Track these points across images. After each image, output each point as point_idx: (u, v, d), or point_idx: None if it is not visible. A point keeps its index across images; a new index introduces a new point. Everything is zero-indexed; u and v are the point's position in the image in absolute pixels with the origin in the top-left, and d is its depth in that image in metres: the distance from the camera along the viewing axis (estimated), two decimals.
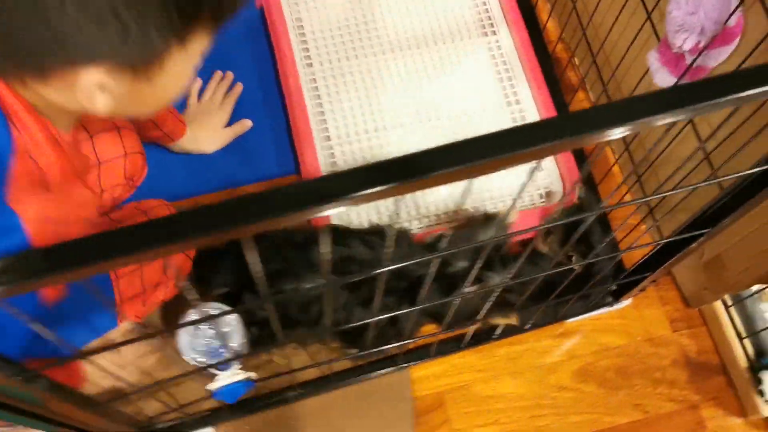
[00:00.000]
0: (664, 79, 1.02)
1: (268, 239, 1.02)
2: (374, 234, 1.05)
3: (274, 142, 1.33)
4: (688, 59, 0.95)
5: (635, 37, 1.07)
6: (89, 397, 0.72)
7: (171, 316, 1.07)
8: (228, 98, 1.32)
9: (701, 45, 0.91)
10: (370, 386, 1.18)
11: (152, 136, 1.18)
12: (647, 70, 1.08)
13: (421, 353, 1.17)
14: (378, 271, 0.60)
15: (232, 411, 1.10)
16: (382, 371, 1.15)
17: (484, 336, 1.18)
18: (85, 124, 0.93)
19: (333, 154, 1.29)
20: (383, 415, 1.16)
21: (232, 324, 0.90)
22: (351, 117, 1.32)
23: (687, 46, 0.92)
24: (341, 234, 1.03)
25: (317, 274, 0.95)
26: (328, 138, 1.30)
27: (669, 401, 1.20)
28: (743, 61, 0.86)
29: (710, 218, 0.85)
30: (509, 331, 1.18)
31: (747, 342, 1.18)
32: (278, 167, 1.32)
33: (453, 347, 1.18)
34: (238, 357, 0.90)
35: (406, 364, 1.16)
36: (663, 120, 0.47)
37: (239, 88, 1.34)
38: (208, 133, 1.27)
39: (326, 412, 1.16)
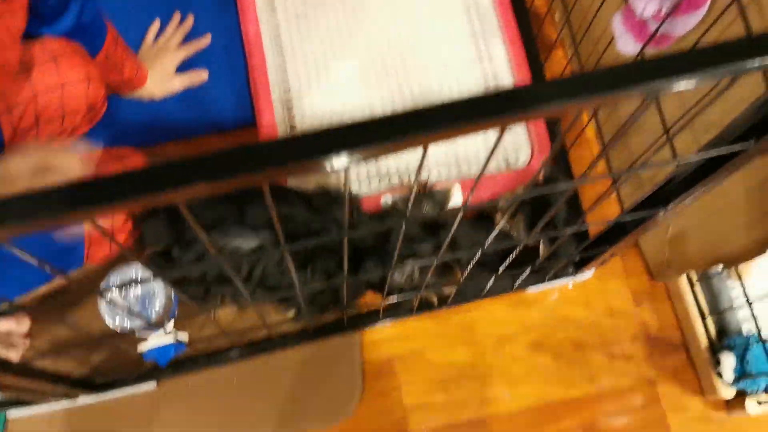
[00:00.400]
0: (626, 45, 0.95)
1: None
2: (319, 196, 1.00)
3: (234, 93, 1.28)
4: (653, 26, 0.88)
5: None
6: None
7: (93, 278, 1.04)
8: (187, 45, 1.26)
9: (663, 11, 0.84)
10: (320, 349, 1.15)
11: (114, 80, 1.13)
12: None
13: (369, 318, 1.13)
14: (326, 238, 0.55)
15: (175, 368, 1.08)
16: (328, 336, 1.13)
17: (438, 302, 1.14)
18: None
19: (291, 108, 1.23)
20: (331, 379, 1.14)
21: (155, 287, 0.87)
22: (314, 70, 1.25)
23: (648, 12, 0.85)
24: (282, 193, 0.99)
25: (251, 231, 0.90)
26: (288, 90, 1.24)
27: (624, 376, 1.17)
28: (706, 31, 0.80)
29: (666, 196, 0.80)
30: (462, 298, 1.14)
31: (710, 321, 1.13)
32: (236, 119, 1.26)
33: (404, 312, 1.14)
34: (160, 320, 0.87)
35: (353, 329, 1.13)
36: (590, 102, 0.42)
37: (206, 40, 1.28)
38: (158, 76, 1.22)
39: (275, 373, 1.13)
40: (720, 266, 1.11)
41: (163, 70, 1.21)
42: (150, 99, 1.22)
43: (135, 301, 0.85)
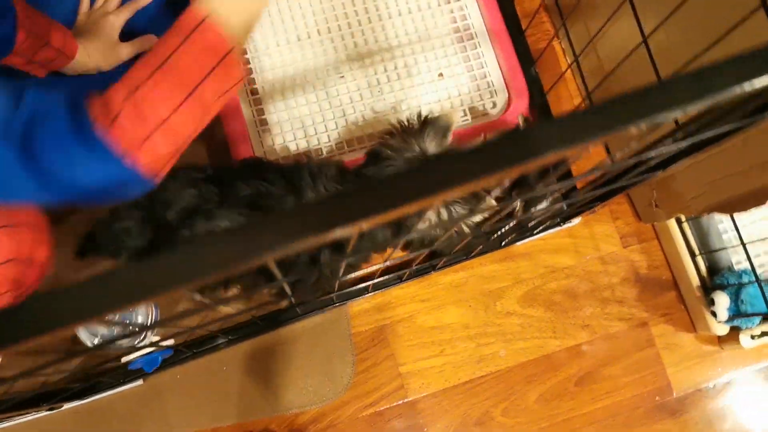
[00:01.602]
0: None
1: (182, 176, 0.89)
2: (298, 170, 0.92)
3: None
4: None
5: None
6: None
7: None
8: (127, 5, 1.14)
9: None
10: (309, 326, 1.11)
11: (47, 57, 1.01)
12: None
13: (358, 292, 1.09)
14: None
15: (161, 365, 1.03)
16: (313, 313, 1.08)
17: (426, 268, 1.10)
18: None
19: (249, 69, 1.14)
20: (324, 355, 1.11)
21: None
22: (269, 26, 1.15)
23: None
24: (258, 168, 0.90)
25: (236, 212, 0.83)
26: (244, 51, 1.14)
27: (618, 320, 1.16)
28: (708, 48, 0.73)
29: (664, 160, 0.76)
30: (449, 262, 1.10)
31: (700, 259, 1.12)
32: None
33: (393, 281, 1.10)
34: (144, 331, 0.81)
35: (342, 303, 1.09)
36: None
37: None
38: (101, 45, 1.10)
39: (266, 354, 1.09)
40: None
41: (106, 38, 1.09)
42: (98, 71, 1.10)
43: (115, 316, 0.78)
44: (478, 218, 0.87)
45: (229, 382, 1.09)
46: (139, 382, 1.04)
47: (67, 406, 1.02)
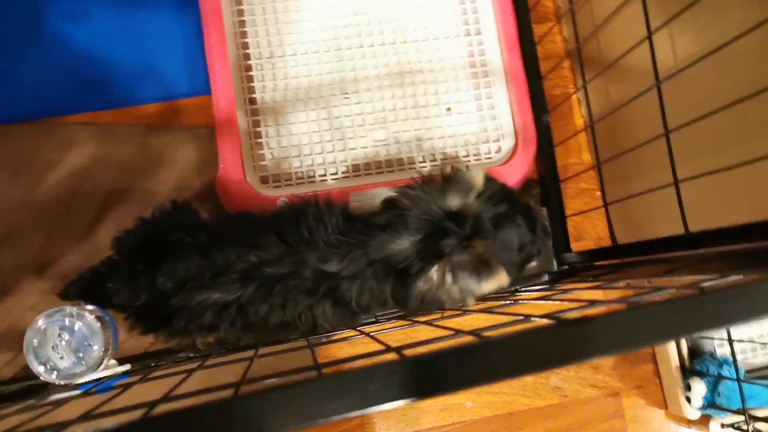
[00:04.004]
0: None
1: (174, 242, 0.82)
2: (295, 225, 0.84)
3: (185, 54, 1.11)
4: None
5: None
6: None
7: None
8: None
9: None
10: None
11: None
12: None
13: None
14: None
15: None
16: None
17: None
18: None
19: (251, 77, 1.08)
20: None
21: (94, 328, 0.76)
22: (276, 34, 1.09)
23: None
24: (250, 228, 0.83)
25: (231, 281, 0.77)
26: (247, 57, 1.08)
27: (590, 386, 1.14)
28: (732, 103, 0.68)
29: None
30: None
31: (682, 340, 1.09)
32: (188, 85, 1.11)
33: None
34: (100, 359, 0.77)
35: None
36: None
37: None
38: None
39: None
40: None
41: None
42: None
43: (67, 346, 0.74)
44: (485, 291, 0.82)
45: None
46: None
47: None
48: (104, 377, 0.81)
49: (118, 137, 1.08)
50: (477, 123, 1.11)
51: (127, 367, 0.84)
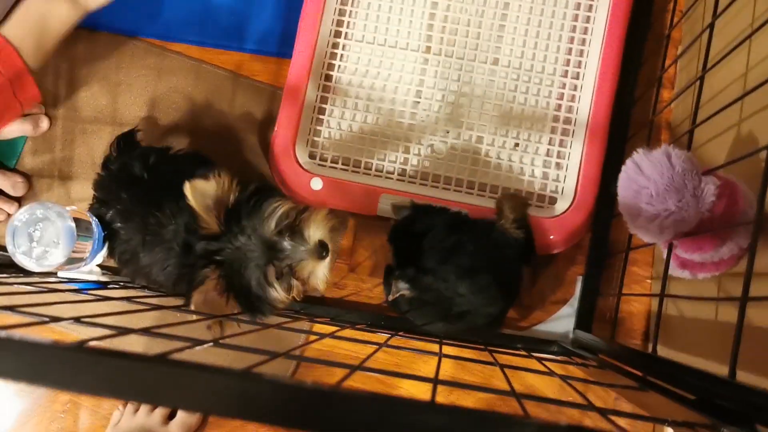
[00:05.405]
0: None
1: None
2: None
3: (283, 15, 1.15)
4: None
5: None
6: None
7: None
8: None
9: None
10: None
11: None
12: None
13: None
14: None
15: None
16: None
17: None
18: None
19: (335, 54, 1.09)
20: None
21: (67, 231, 0.79)
22: (374, 21, 1.09)
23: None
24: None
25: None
26: (339, 35, 1.09)
27: None
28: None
29: None
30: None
31: None
32: (277, 45, 1.14)
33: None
34: (79, 258, 0.81)
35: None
36: None
37: None
38: None
39: None
40: None
41: None
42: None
43: (39, 238, 0.79)
44: None
45: None
46: None
47: None
48: (78, 279, 0.87)
49: (204, 75, 1.14)
50: (540, 168, 1.05)
51: (106, 277, 0.89)
